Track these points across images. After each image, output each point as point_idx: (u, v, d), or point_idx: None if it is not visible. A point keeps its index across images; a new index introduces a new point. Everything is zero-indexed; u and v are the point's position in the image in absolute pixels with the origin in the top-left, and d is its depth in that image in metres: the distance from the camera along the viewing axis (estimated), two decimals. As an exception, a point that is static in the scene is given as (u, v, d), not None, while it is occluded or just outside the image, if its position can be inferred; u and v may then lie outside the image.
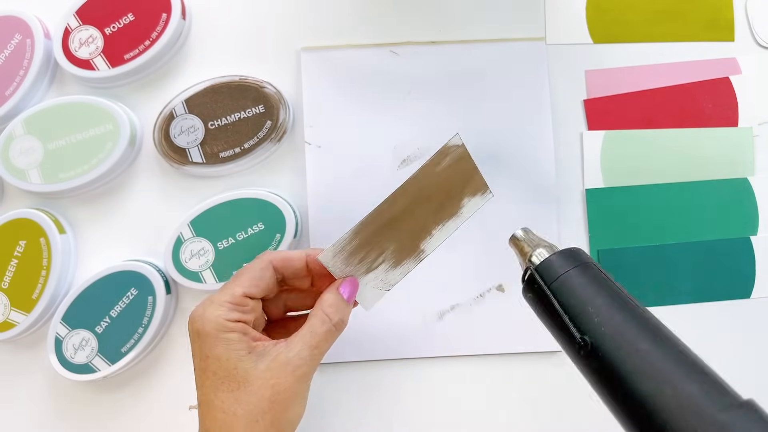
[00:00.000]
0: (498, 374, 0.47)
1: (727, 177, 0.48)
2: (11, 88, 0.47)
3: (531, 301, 0.32)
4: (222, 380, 0.31)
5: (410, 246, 0.37)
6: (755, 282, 0.47)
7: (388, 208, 0.35)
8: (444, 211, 0.37)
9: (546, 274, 0.31)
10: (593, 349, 0.27)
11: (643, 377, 0.25)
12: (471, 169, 0.37)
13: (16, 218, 0.46)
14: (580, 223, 0.48)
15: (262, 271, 0.34)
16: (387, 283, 0.37)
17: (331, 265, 0.36)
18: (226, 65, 0.49)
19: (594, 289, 0.29)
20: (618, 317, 0.28)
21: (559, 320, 0.29)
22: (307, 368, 0.32)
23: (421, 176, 0.36)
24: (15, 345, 0.47)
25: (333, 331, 0.33)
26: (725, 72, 0.49)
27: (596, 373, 0.27)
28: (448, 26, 0.49)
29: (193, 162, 0.47)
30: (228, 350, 0.31)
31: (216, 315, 0.32)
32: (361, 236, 0.36)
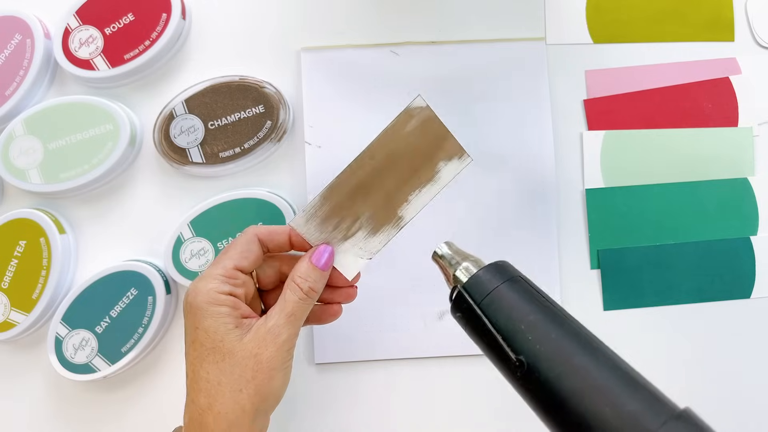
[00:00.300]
0: (498, 374, 0.47)
1: (727, 177, 0.48)
2: (11, 88, 0.47)
3: (460, 320, 0.31)
4: (208, 351, 0.32)
5: (387, 212, 0.36)
6: (755, 282, 0.47)
7: (355, 172, 0.36)
8: (418, 176, 0.36)
9: (474, 292, 0.30)
10: (530, 369, 0.26)
11: (582, 396, 0.25)
12: (442, 132, 0.36)
13: (16, 218, 0.46)
14: (580, 223, 0.48)
15: (249, 244, 0.35)
16: (368, 251, 0.37)
17: (305, 232, 0.36)
18: (226, 65, 0.49)
19: (525, 304, 0.28)
20: (552, 333, 0.27)
21: (492, 340, 0.28)
22: (286, 336, 0.33)
23: (386, 139, 0.36)
24: (15, 345, 0.47)
25: (305, 299, 0.34)
26: (725, 72, 0.49)
27: (534, 394, 0.27)
28: (448, 26, 0.49)
29: (193, 162, 0.47)
30: (216, 323, 0.32)
31: (208, 288, 0.33)
32: (331, 201, 0.36)
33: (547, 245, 0.47)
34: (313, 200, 0.36)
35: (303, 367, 0.47)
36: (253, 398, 0.32)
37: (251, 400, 0.32)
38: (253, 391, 0.32)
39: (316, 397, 0.46)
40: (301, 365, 0.47)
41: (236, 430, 0.31)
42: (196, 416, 0.32)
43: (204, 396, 0.32)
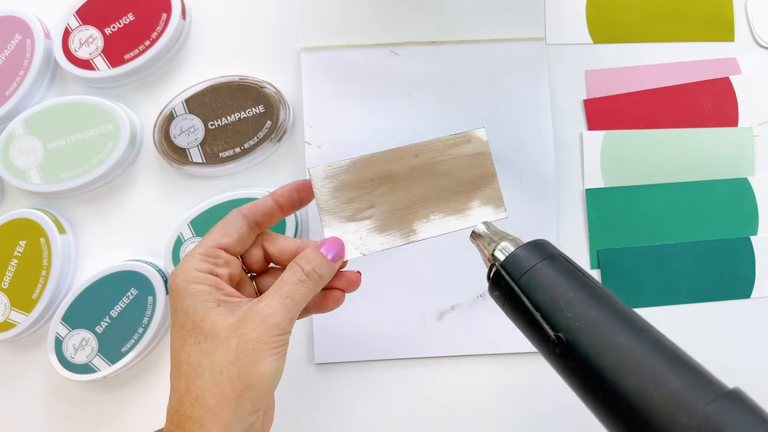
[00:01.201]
0: (498, 374, 0.47)
1: (727, 177, 0.48)
2: (11, 88, 0.47)
3: (498, 299, 0.30)
4: (189, 333, 0.29)
5: (402, 218, 0.35)
6: (755, 282, 0.47)
7: (394, 160, 0.34)
8: (450, 201, 0.35)
9: (513, 270, 0.29)
10: (569, 347, 0.26)
11: (624, 373, 0.24)
12: (490, 174, 0.35)
13: (16, 218, 0.46)
14: (580, 223, 0.48)
15: (230, 221, 0.33)
16: (365, 245, 0.34)
17: (319, 187, 0.34)
18: (226, 65, 0.49)
19: (565, 281, 0.28)
20: (592, 311, 0.26)
21: (530, 318, 0.28)
22: (278, 318, 0.30)
23: (436, 147, 0.34)
24: (15, 345, 0.47)
25: (305, 280, 0.31)
26: (725, 72, 0.49)
27: (573, 372, 0.26)
28: (448, 26, 0.49)
29: (193, 162, 0.47)
30: (195, 302, 0.30)
31: (186, 267, 0.31)
32: (358, 173, 0.34)
33: (547, 245, 0.47)
34: (341, 161, 0.34)
35: (303, 367, 0.47)
36: (235, 382, 0.28)
37: (233, 385, 0.28)
38: (236, 375, 0.28)
39: (316, 397, 0.46)
40: (301, 365, 0.47)
41: (215, 418, 0.28)
42: (174, 403, 0.29)
43: (183, 380, 0.29)
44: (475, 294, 0.47)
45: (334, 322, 0.46)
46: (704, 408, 0.21)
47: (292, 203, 0.34)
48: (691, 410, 0.22)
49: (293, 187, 0.34)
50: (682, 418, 0.22)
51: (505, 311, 0.30)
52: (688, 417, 0.21)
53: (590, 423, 0.46)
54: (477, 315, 0.47)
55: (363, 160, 0.34)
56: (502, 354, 0.47)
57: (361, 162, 0.34)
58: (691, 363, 0.24)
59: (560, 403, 0.46)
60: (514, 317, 0.29)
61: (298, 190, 0.34)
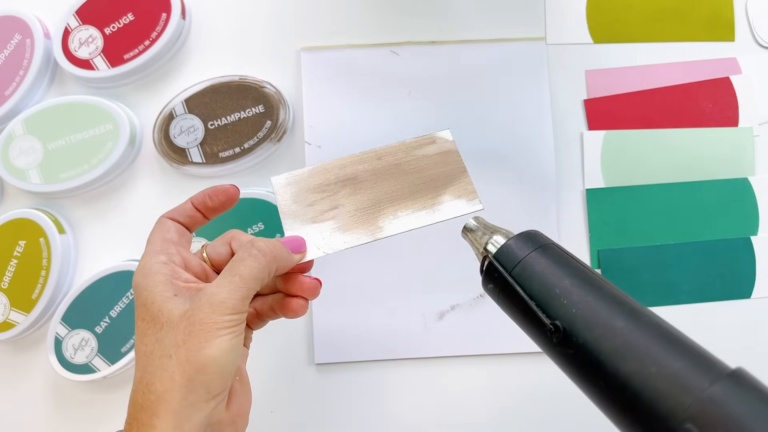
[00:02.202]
0: (498, 374, 0.47)
1: (728, 177, 0.48)
2: (11, 88, 0.47)
3: (492, 292, 0.30)
4: (148, 324, 0.29)
5: (368, 217, 0.35)
6: (755, 282, 0.47)
7: (355, 163, 0.35)
8: (417, 198, 0.35)
9: (505, 261, 0.29)
10: (566, 334, 0.25)
11: (624, 357, 0.23)
12: (459, 168, 0.36)
13: (15, 218, 0.46)
14: (580, 223, 0.48)
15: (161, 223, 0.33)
16: (329, 245, 0.34)
17: (281, 193, 0.35)
18: (226, 65, 0.49)
19: (558, 270, 0.27)
20: (588, 296, 0.26)
21: (525, 308, 0.27)
22: (224, 296, 0.28)
23: (399, 149, 0.36)
24: (15, 345, 0.47)
25: (255, 254, 0.30)
26: (725, 72, 0.49)
27: (572, 360, 0.25)
28: (448, 26, 0.49)
29: (193, 162, 0.47)
30: (153, 294, 0.29)
31: (143, 263, 0.31)
32: (319, 178, 0.35)
33: (547, 245, 0.47)
34: (302, 169, 0.35)
35: (303, 367, 0.47)
36: (183, 365, 0.27)
37: (182, 368, 0.27)
38: (184, 357, 0.27)
39: (316, 397, 0.46)
40: (301, 365, 0.47)
41: (165, 405, 0.27)
42: (131, 395, 0.28)
43: (139, 370, 0.28)
44: (475, 294, 0.47)
45: (334, 322, 0.46)
46: (708, 388, 0.21)
47: (207, 208, 0.34)
48: (696, 391, 0.21)
49: (207, 192, 0.34)
50: (686, 399, 0.21)
51: (500, 304, 0.30)
52: (692, 398, 0.21)
53: (590, 423, 0.46)
54: (477, 315, 0.47)
55: (324, 166, 0.35)
56: (502, 354, 0.47)
57: (322, 168, 0.35)
58: (691, 344, 0.24)
59: (560, 403, 0.46)
60: (509, 309, 0.29)
61: (211, 196, 0.34)
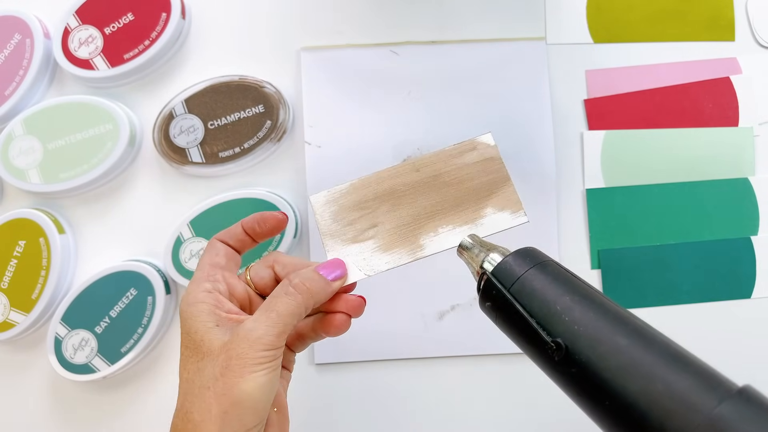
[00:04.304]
0: (498, 374, 0.47)
1: (728, 177, 0.48)
2: (11, 87, 0.47)
3: (490, 310, 0.29)
4: (191, 353, 0.30)
5: (408, 234, 0.33)
6: (756, 282, 0.47)
7: (394, 176, 0.33)
8: (459, 212, 0.33)
9: (503, 279, 0.28)
10: (568, 352, 0.24)
11: (630, 375, 0.23)
12: (502, 177, 0.34)
13: (15, 218, 0.46)
14: (580, 223, 0.48)
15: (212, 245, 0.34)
16: (370, 266, 0.33)
17: (319, 213, 0.33)
18: (226, 65, 0.49)
19: (558, 286, 0.27)
20: (590, 313, 0.25)
21: (524, 326, 0.26)
22: (261, 332, 0.29)
23: (438, 158, 0.33)
24: (15, 345, 0.47)
25: (291, 292, 0.31)
26: (726, 72, 0.49)
27: (575, 379, 0.24)
28: (448, 26, 0.49)
29: (192, 162, 0.47)
30: (196, 323, 0.30)
31: (189, 290, 0.31)
32: (358, 194, 0.33)
33: (548, 245, 0.47)
34: (341, 185, 0.33)
35: (303, 367, 0.47)
36: (220, 398, 0.28)
37: (218, 401, 0.28)
38: (221, 390, 0.28)
39: (316, 397, 0.46)
40: (301, 365, 0.47)
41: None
42: (173, 420, 0.30)
43: (180, 397, 0.30)
44: (475, 294, 0.47)
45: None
46: (717, 406, 0.21)
47: (255, 233, 0.34)
48: (705, 409, 0.21)
49: (257, 218, 0.34)
50: (695, 417, 0.21)
51: (498, 323, 0.29)
52: (701, 416, 0.21)
53: (590, 423, 0.46)
54: (477, 315, 0.46)
55: (362, 182, 0.34)
56: (502, 354, 0.47)
57: (361, 183, 0.34)
58: (696, 362, 0.23)
59: (560, 403, 0.46)
60: (508, 328, 0.28)
61: (260, 222, 0.34)
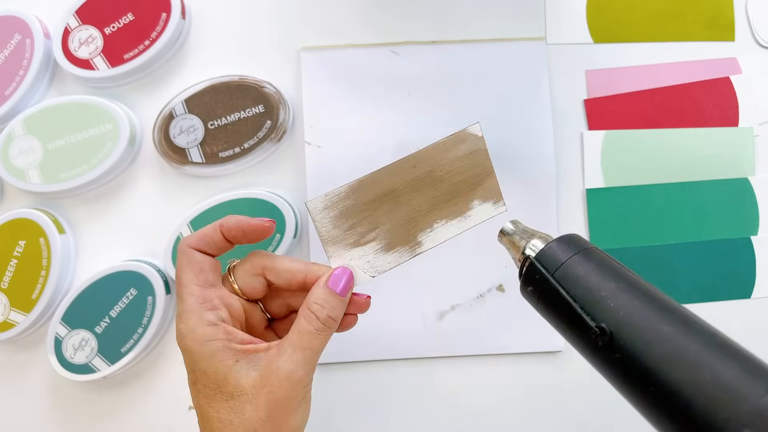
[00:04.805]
0: (498, 374, 0.47)
1: (728, 177, 0.48)
2: (11, 87, 0.47)
3: (531, 295, 0.29)
4: (214, 392, 0.29)
5: (407, 232, 0.33)
6: (756, 282, 0.47)
7: (392, 175, 0.33)
8: (451, 205, 0.34)
9: (547, 264, 0.28)
10: (613, 338, 0.24)
11: (675, 363, 0.22)
12: (486, 169, 0.34)
13: (15, 218, 0.46)
14: (580, 223, 0.48)
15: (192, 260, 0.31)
16: (374, 268, 0.33)
17: (318, 219, 0.32)
18: (226, 65, 0.49)
19: (602, 273, 0.26)
20: (635, 301, 0.25)
21: (568, 311, 0.26)
22: (302, 372, 0.30)
23: (430, 155, 0.33)
24: (15, 345, 0.47)
25: (323, 328, 0.31)
26: (726, 72, 0.49)
27: (619, 365, 0.24)
28: (448, 26, 0.49)
29: (192, 162, 0.47)
30: (214, 363, 0.29)
31: (190, 328, 0.30)
32: (357, 197, 0.32)
33: (548, 245, 0.47)
34: (338, 188, 0.32)
35: (303, 367, 0.47)
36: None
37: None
38: (270, 431, 0.29)
39: (316, 397, 0.46)
40: (301, 365, 0.47)
41: None
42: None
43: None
44: (475, 294, 0.47)
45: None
46: (764, 396, 0.21)
47: (238, 240, 0.32)
48: (752, 398, 0.21)
49: (242, 227, 0.32)
50: (743, 406, 0.21)
51: (539, 309, 0.29)
52: (749, 405, 0.21)
53: (590, 423, 0.46)
54: (477, 315, 0.47)
55: (361, 183, 0.33)
56: (502, 354, 0.47)
57: (359, 185, 0.33)
58: (743, 351, 0.23)
59: (560, 403, 0.46)
60: (550, 314, 0.28)
61: (246, 232, 0.32)
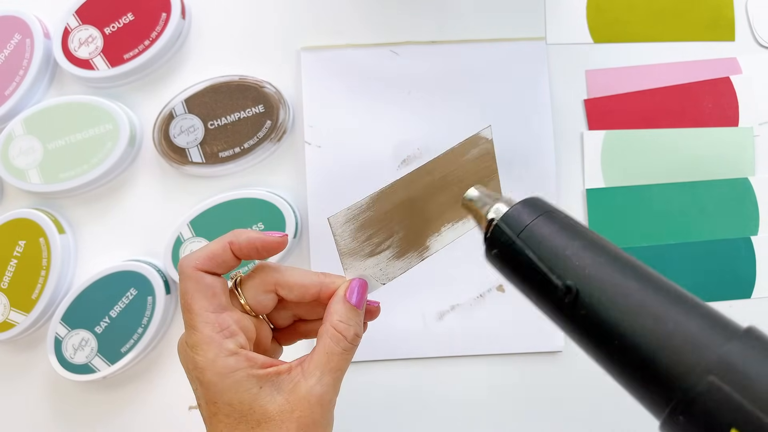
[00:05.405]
0: (498, 374, 0.47)
1: (728, 177, 0.48)
2: (11, 87, 0.47)
3: (496, 258, 0.29)
4: (238, 421, 0.28)
5: (417, 238, 0.33)
6: (756, 282, 0.47)
7: (409, 184, 0.32)
8: (457, 208, 0.33)
9: (512, 226, 0.28)
10: (579, 295, 0.24)
11: (640, 316, 0.23)
12: (491, 170, 0.34)
13: (15, 218, 0.46)
14: (580, 223, 0.48)
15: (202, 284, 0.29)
16: (386, 275, 0.33)
17: (339, 234, 0.32)
18: (226, 65, 0.49)
19: (567, 233, 0.27)
20: (600, 258, 0.25)
21: (534, 272, 0.26)
22: (333, 394, 0.30)
23: (447, 161, 0.33)
24: (15, 345, 0.47)
25: (350, 348, 0.30)
26: (726, 72, 0.49)
27: (584, 321, 0.24)
28: (448, 26, 0.49)
29: (192, 162, 0.47)
30: (238, 394, 0.28)
31: (211, 359, 0.28)
32: (376, 208, 0.32)
33: (548, 245, 0.47)
34: (359, 201, 0.32)
35: (303, 367, 0.47)
36: None
37: None
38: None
39: (316, 397, 0.46)
40: (301, 365, 0.47)
41: None
42: None
43: None
44: (475, 294, 0.47)
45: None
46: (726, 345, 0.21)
47: (251, 257, 0.31)
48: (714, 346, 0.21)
49: (256, 245, 0.30)
50: (705, 355, 0.21)
51: (504, 273, 0.29)
52: (711, 354, 0.21)
53: (590, 423, 0.46)
54: (477, 315, 0.47)
55: (382, 194, 0.32)
56: (502, 354, 0.47)
57: (379, 195, 0.32)
58: (704, 305, 0.24)
59: (560, 403, 0.46)
60: (515, 276, 0.28)
61: (260, 250, 0.30)
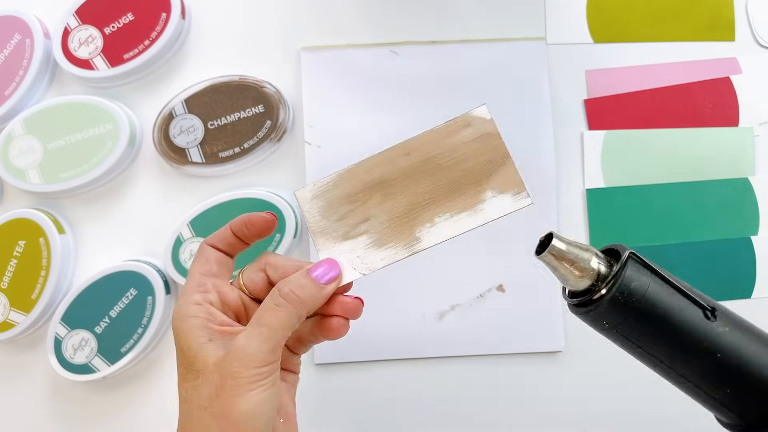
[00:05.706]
0: (498, 374, 0.47)
1: (728, 177, 0.48)
2: (11, 87, 0.47)
3: (617, 307, 0.28)
4: (187, 370, 0.29)
5: (403, 226, 0.31)
6: (756, 282, 0.47)
7: (383, 164, 0.31)
8: (456, 198, 0.30)
9: (643, 263, 0.30)
10: (717, 314, 0.28)
11: None
12: (501, 154, 0.30)
13: (15, 218, 0.46)
14: (580, 223, 0.48)
15: (202, 251, 0.32)
16: (365, 264, 0.31)
17: (307, 209, 0.31)
18: (226, 65, 0.49)
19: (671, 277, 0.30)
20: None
21: (673, 300, 0.29)
22: (254, 349, 0.27)
23: (430, 139, 0.30)
24: (14, 345, 0.47)
25: (282, 303, 0.29)
26: (726, 72, 0.49)
27: (727, 336, 0.28)
28: (448, 26, 0.49)
29: (192, 162, 0.47)
30: (189, 338, 0.29)
31: (181, 303, 0.30)
32: (347, 186, 0.31)
33: (548, 245, 0.47)
34: (327, 177, 0.30)
35: (303, 367, 0.46)
36: (218, 419, 0.27)
37: (217, 421, 0.27)
38: (219, 411, 0.27)
39: (316, 397, 0.46)
40: (302, 365, 0.47)
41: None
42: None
43: (180, 418, 0.29)
44: (475, 294, 0.47)
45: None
46: None
47: (244, 235, 0.32)
48: None
49: (244, 220, 0.32)
50: None
51: (639, 307, 0.29)
52: None
53: (589, 422, 0.46)
54: (477, 315, 0.47)
55: (350, 172, 0.31)
56: (502, 354, 0.47)
57: (348, 173, 0.31)
58: None
59: (560, 403, 0.46)
60: (656, 310, 0.29)
61: (248, 224, 0.32)
